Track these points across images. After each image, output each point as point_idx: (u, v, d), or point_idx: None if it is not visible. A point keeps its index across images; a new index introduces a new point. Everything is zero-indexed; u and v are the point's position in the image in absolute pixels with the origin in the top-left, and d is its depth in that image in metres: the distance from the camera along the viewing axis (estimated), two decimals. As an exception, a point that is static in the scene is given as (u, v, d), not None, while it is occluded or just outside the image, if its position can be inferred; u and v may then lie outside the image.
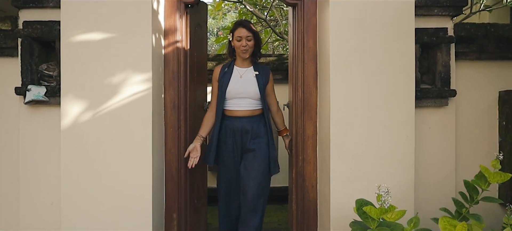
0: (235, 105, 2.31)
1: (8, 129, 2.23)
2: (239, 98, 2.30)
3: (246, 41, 2.26)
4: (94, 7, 2.01)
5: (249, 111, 2.31)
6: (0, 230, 2.23)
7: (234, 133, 2.30)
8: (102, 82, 2.01)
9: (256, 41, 2.32)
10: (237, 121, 2.30)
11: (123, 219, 2.04)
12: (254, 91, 2.30)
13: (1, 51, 2.21)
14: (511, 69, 2.39)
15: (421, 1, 2.22)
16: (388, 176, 2.05)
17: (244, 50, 2.28)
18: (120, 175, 2.04)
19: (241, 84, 2.31)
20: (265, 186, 2.32)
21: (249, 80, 2.32)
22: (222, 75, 2.34)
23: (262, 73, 2.35)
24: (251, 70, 2.35)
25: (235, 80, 2.32)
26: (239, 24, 2.32)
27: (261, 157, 2.29)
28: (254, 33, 2.31)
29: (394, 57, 2.08)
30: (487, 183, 1.66)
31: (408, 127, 2.09)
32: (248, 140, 2.29)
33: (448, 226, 1.54)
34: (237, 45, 2.30)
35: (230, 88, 2.29)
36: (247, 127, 2.28)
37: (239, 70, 2.35)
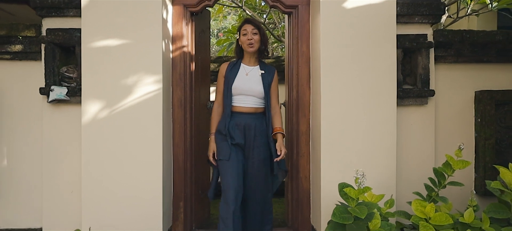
0: (240, 102, 2.35)
1: (32, 125, 2.50)
2: (244, 95, 2.34)
3: (252, 35, 2.31)
4: (111, 16, 2.28)
5: (253, 109, 2.35)
6: (25, 215, 2.50)
7: (238, 127, 2.33)
8: (118, 83, 2.29)
9: (261, 36, 2.36)
10: (241, 117, 2.33)
11: (137, 206, 2.31)
12: (259, 90, 2.34)
13: (26, 55, 2.48)
14: (485, 72, 2.66)
15: (403, 10, 2.49)
16: (373, 166, 2.32)
17: (250, 44, 2.31)
18: (134, 166, 2.31)
19: (246, 81, 2.35)
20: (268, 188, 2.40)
21: (255, 79, 2.36)
22: (229, 71, 2.38)
23: (268, 72, 2.40)
24: (257, 69, 2.40)
25: (241, 77, 2.36)
26: (245, 20, 2.40)
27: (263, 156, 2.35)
28: (259, 29, 2.36)
29: (378, 61, 2.36)
30: (452, 170, 1.94)
31: (390, 123, 2.37)
32: (251, 136, 2.32)
33: (419, 207, 1.82)
34: (243, 40, 2.34)
35: (236, 84, 2.33)
36: (250, 123, 2.32)
37: (245, 68, 2.39)
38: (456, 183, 1.98)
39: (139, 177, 2.32)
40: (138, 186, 2.31)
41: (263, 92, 2.35)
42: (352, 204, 1.72)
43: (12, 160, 2.51)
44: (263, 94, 2.35)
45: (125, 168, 2.31)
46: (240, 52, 2.44)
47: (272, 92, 2.42)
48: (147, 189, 2.33)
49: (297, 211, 2.66)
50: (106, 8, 2.28)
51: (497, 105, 2.61)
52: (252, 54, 2.39)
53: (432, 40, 2.56)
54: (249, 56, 2.41)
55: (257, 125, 2.34)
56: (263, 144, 2.35)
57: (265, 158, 2.36)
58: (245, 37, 2.33)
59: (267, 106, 2.38)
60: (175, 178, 2.59)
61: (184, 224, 2.59)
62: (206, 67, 3.09)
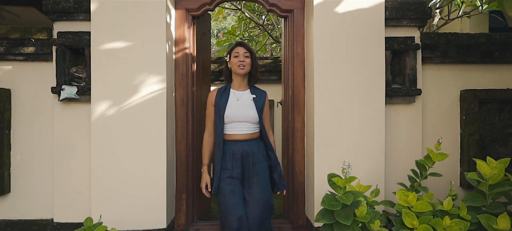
0: (234, 129, 2.25)
1: (44, 122, 2.67)
2: (237, 122, 2.24)
3: (244, 57, 2.25)
4: (118, 20, 2.46)
5: (248, 135, 2.25)
6: (37, 207, 2.67)
7: (234, 157, 2.21)
8: (125, 83, 2.47)
9: (253, 60, 2.30)
10: (237, 145, 2.23)
11: (142, 198, 2.49)
12: (252, 115, 2.24)
13: (38, 56, 2.66)
14: (470, 72, 2.84)
15: (392, 14, 2.67)
16: (363, 161, 2.50)
17: (242, 66, 2.24)
18: (140, 160, 2.49)
19: (238, 107, 2.25)
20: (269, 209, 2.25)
21: (247, 104, 2.26)
22: (218, 99, 2.27)
23: (259, 96, 2.31)
24: (248, 93, 2.30)
25: (232, 103, 2.26)
26: (237, 44, 2.34)
27: (263, 183, 2.23)
28: (251, 52, 2.31)
29: (368, 62, 2.54)
30: (432, 162, 2.11)
31: (379, 120, 2.54)
32: (250, 163, 2.21)
33: (402, 196, 2.00)
34: (234, 62, 2.26)
35: (228, 112, 2.23)
36: (248, 150, 2.22)
37: (235, 93, 2.29)
38: (435, 173, 2.16)
39: (145, 171, 2.50)
40: (144, 179, 2.49)
41: (257, 117, 2.25)
42: (340, 193, 1.90)
43: (24, 155, 2.68)
44: (257, 119, 2.26)
45: (131, 162, 2.48)
46: (229, 76, 2.36)
47: (264, 116, 2.33)
48: (152, 182, 2.51)
49: (293, 203, 2.84)
50: (113, 12, 2.46)
51: (481, 103, 2.79)
52: (242, 78, 2.29)
53: (419, 42, 2.73)
54: (239, 80, 2.30)
55: (254, 151, 2.23)
56: (263, 170, 2.25)
57: (266, 184, 2.25)
58: (237, 59, 2.25)
59: (262, 131, 2.29)
60: (178, 172, 2.77)
61: (186, 216, 2.77)
62: (207, 68, 3.27)
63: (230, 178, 2.20)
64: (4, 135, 2.63)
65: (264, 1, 2.82)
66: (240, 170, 2.22)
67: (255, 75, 2.34)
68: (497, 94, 2.79)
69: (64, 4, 2.55)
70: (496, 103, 2.82)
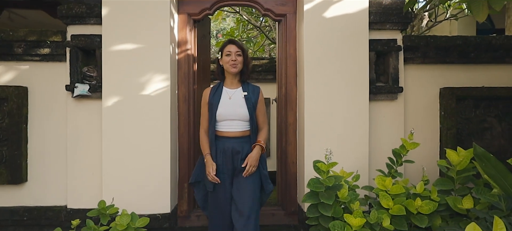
0: (225, 127, 2.31)
1: (58, 117, 2.95)
2: (229, 120, 2.30)
3: (236, 56, 2.29)
4: (127, 25, 2.75)
5: (239, 133, 2.31)
6: (52, 194, 2.95)
7: (225, 153, 2.28)
8: (133, 81, 2.75)
9: (245, 58, 2.35)
10: (228, 141, 2.29)
11: (149, 185, 2.77)
12: (243, 113, 2.29)
13: (53, 57, 2.94)
14: (448, 71, 3.12)
15: (376, 18, 2.95)
16: (348, 152, 2.78)
17: (234, 64, 2.29)
18: (146, 152, 2.77)
19: (230, 106, 2.30)
20: (257, 204, 2.30)
21: (238, 102, 2.32)
22: (212, 97, 2.34)
23: (251, 93, 2.35)
24: (239, 91, 2.35)
25: (224, 102, 2.31)
26: (229, 41, 2.37)
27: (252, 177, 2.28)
28: (243, 50, 2.35)
29: (353, 62, 2.82)
30: (406, 150, 2.39)
31: (363, 115, 2.83)
32: (238, 160, 2.27)
33: (380, 181, 2.28)
34: (226, 60, 2.31)
35: (220, 110, 2.29)
36: (237, 147, 2.27)
37: (228, 92, 2.35)
38: (409, 160, 2.45)
39: (151, 161, 2.78)
40: (150, 169, 2.77)
41: (248, 115, 2.30)
42: (324, 177, 2.18)
43: (40, 147, 2.96)
44: (248, 117, 2.31)
45: (139, 153, 2.77)
46: (222, 74, 2.41)
47: (258, 112, 2.38)
48: (157, 171, 2.79)
49: (286, 192, 3.12)
50: (123, 17, 2.75)
51: (458, 100, 3.07)
52: (234, 76, 2.35)
53: (402, 44, 3.01)
54: (231, 78, 2.36)
55: (244, 149, 2.29)
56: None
57: (254, 181, 2.30)
58: (229, 57, 2.30)
59: (252, 129, 2.33)
60: (181, 163, 3.05)
61: (188, 202, 3.05)
62: (207, 67, 3.56)
63: (221, 173, 2.27)
64: (22, 128, 2.91)
65: (259, 6, 3.10)
66: (231, 166, 2.29)
67: (247, 73, 2.38)
68: (473, 92, 3.08)
69: (77, 10, 2.84)
70: (472, 100, 3.10)
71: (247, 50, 2.43)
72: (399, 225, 2.13)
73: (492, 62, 3.12)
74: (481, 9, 2.27)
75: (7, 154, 2.90)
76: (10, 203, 2.92)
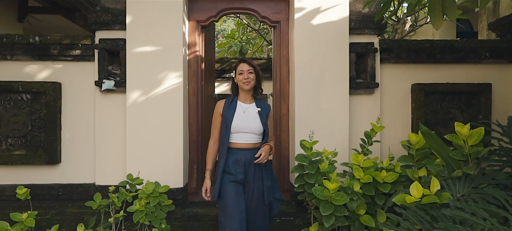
0: (239, 139, 2.50)
1: (87, 108, 3.55)
2: (243, 133, 2.49)
3: (248, 74, 2.52)
4: (147, 30, 3.36)
5: (251, 144, 2.51)
6: (82, 173, 3.55)
7: (238, 163, 2.47)
8: (152, 77, 3.36)
9: (256, 75, 2.57)
10: (240, 153, 2.48)
11: (165, 165, 3.37)
12: (257, 127, 2.51)
13: (83, 57, 3.55)
14: (418, 70, 3.73)
15: (356, 24, 3.56)
16: (332, 137, 3.39)
17: (247, 82, 2.51)
18: (163, 137, 3.38)
19: (244, 119, 2.50)
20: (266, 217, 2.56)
21: (252, 117, 2.52)
22: (226, 110, 2.53)
23: (263, 109, 2.58)
24: (253, 107, 2.57)
25: (239, 115, 2.51)
26: (241, 60, 2.60)
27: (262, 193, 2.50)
28: (254, 68, 2.56)
29: (336, 62, 3.44)
30: (374, 132, 3.00)
31: (344, 107, 3.45)
32: (252, 171, 2.47)
33: (355, 157, 2.90)
34: (239, 79, 2.54)
35: (235, 123, 2.48)
36: (250, 158, 2.45)
37: (242, 106, 2.56)
38: (377, 141, 3.07)
39: (167, 145, 3.39)
40: (166, 151, 3.39)
41: (261, 129, 2.52)
42: (308, 152, 2.80)
43: (72, 134, 3.57)
44: (261, 130, 2.52)
45: (157, 138, 3.38)
46: (236, 89, 2.64)
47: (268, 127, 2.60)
48: (172, 154, 3.40)
49: (280, 172, 3.73)
50: (143, 24, 3.36)
51: (426, 94, 3.68)
52: (248, 92, 2.58)
53: (378, 46, 3.63)
54: (245, 94, 2.59)
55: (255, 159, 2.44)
56: (262, 178, 2.53)
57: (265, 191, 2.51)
58: (241, 76, 2.52)
59: (263, 143, 2.55)
60: (190, 147, 3.67)
61: (196, 181, 3.67)
62: (212, 66, 4.18)
63: (233, 182, 2.46)
64: (57, 118, 3.52)
65: (257, 14, 3.72)
66: (243, 176, 2.47)
67: (259, 88, 2.63)
68: (439, 87, 3.69)
69: (104, 18, 3.45)
70: (439, 94, 3.72)
71: (258, 68, 2.63)
72: (367, 191, 2.74)
73: (455, 62, 3.74)
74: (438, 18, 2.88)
75: (45, 139, 3.51)
76: (47, 180, 3.53)
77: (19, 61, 3.54)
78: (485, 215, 1.84)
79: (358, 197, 2.68)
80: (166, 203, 2.96)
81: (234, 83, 2.64)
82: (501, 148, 2.43)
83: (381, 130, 3.06)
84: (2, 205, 3.46)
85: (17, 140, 3.51)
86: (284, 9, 3.70)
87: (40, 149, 3.51)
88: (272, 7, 3.70)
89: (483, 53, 3.69)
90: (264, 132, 2.54)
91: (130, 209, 2.91)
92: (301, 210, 3.33)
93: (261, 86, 2.66)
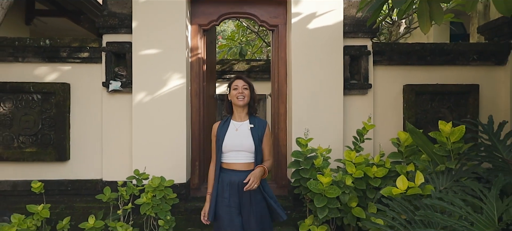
0: (231, 158, 2.42)
1: (95, 107, 3.77)
2: (235, 151, 2.41)
3: (243, 89, 2.46)
4: (152, 34, 3.57)
5: (245, 165, 2.40)
6: (90, 170, 3.77)
7: (231, 186, 2.38)
8: (157, 78, 3.58)
9: (251, 92, 2.51)
10: (234, 174, 2.39)
11: (169, 161, 3.58)
12: (249, 144, 2.40)
13: (91, 59, 3.75)
14: (409, 71, 3.94)
15: (350, 28, 3.78)
16: (327, 134, 3.60)
17: (241, 97, 2.44)
18: (168, 135, 3.59)
19: (236, 137, 2.43)
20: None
21: (244, 133, 2.44)
22: (219, 130, 2.49)
23: (257, 126, 2.47)
24: (246, 124, 2.48)
25: (231, 133, 2.45)
26: (236, 77, 2.56)
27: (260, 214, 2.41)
28: (250, 85, 2.52)
29: (330, 64, 3.65)
30: (365, 130, 3.22)
31: (339, 106, 3.66)
32: (247, 194, 2.35)
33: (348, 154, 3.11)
34: (233, 94, 2.47)
35: (226, 141, 2.42)
36: (244, 180, 2.30)
37: (235, 124, 2.49)
38: (368, 138, 3.29)
39: (170, 142, 3.60)
40: (170, 149, 3.60)
41: (253, 146, 2.40)
42: (303, 149, 3.01)
43: (80, 132, 3.78)
44: (253, 148, 2.40)
45: (161, 136, 3.59)
46: (230, 108, 2.57)
47: (265, 145, 2.49)
48: (175, 151, 3.61)
49: (278, 169, 3.95)
50: (148, 28, 3.57)
51: (417, 94, 3.89)
52: (242, 109, 2.49)
53: (371, 49, 3.84)
54: (239, 111, 2.51)
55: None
56: (259, 201, 2.41)
57: (263, 215, 2.42)
58: (236, 91, 2.46)
59: (256, 162, 2.41)
60: (193, 145, 3.88)
61: (198, 177, 3.88)
62: (213, 68, 4.39)
63: (227, 206, 2.37)
64: (66, 117, 3.73)
65: (256, 18, 3.94)
66: (237, 199, 2.38)
67: (253, 106, 2.54)
68: (429, 88, 3.90)
69: (111, 22, 3.66)
70: (429, 95, 3.93)
71: (253, 86, 2.57)
72: (359, 185, 2.95)
73: (445, 64, 3.96)
74: (425, 23, 3.09)
75: (54, 137, 3.72)
76: (57, 176, 3.74)
77: (30, 63, 3.75)
78: (462, 204, 2.06)
79: (350, 191, 2.90)
80: (171, 196, 3.17)
81: (228, 101, 2.57)
82: (481, 144, 2.64)
83: (372, 128, 3.28)
84: (14, 200, 3.68)
85: (28, 138, 3.72)
86: (282, 13, 3.92)
87: (50, 146, 3.72)
88: (271, 11, 3.91)
89: (471, 56, 3.91)
90: (257, 149, 2.41)
91: (137, 202, 3.11)
92: (298, 203, 3.55)
93: (256, 105, 2.57)
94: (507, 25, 3.87)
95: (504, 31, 3.92)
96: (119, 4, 3.68)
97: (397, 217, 2.33)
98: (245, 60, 5.94)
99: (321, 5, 3.66)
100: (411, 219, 2.26)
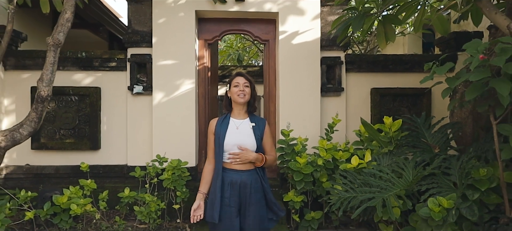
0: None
1: (121, 107, 4.83)
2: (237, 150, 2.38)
3: (243, 86, 2.43)
4: (168, 47, 4.64)
5: (247, 165, 2.37)
6: (117, 157, 4.82)
7: (232, 186, 2.36)
8: (172, 83, 4.64)
9: (252, 90, 2.48)
10: (236, 174, 2.36)
11: (182, 149, 4.64)
12: (251, 143, 2.38)
13: (118, 68, 4.81)
14: (375, 77, 5.02)
15: (327, 43, 4.85)
16: (307, 128, 4.67)
17: (242, 95, 2.41)
18: (181, 129, 4.66)
19: (238, 135, 2.39)
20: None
21: (246, 132, 2.41)
22: (218, 127, 2.43)
23: (258, 124, 2.46)
24: (247, 122, 2.46)
25: (231, 132, 2.40)
26: (237, 74, 2.52)
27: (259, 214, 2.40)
28: (251, 82, 2.48)
29: (310, 72, 4.73)
30: (334, 123, 4.28)
31: (317, 106, 4.74)
32: (247, 194, 2.36)
33: (321, 142, 4.18)
34: (234, 91, 2.44)
35: (227, 140, 2.37)
36: (246, 180, 2.34)
37: (235, 122, 2.45)
38: (336, 130, 4.36)
39: (183, 134, 4.66)
40: (182, 139, 4.66)
41: (255, 145, 2.40)
42: (286, 138, 4.08)
43: (109, 127, 4.84)
44: (255, 147, 2.40)
45: (176, 129, 4.65)
46: (229, 105, 2.54)
47: (265, 143, 2.50)
48: (187, 141, 4.67)
49: (269, 157, 5.01)
50: (165, 43, 4.64)
51: (381, 96, 4.97)
52: (242, 106, 2.48)
53: (344, 60, 4.92)
54: (238, 109, 2.49)
55: (252, 181, 2.37)
56: (259, 200, 2.41)
57: (262, 215, 2.42)
58: (237, 88, 2.44)
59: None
60: (200, 136, 4.95)
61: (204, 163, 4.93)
62: (215, 73, 5.47)
63: (227, 206, 2.35)
64: (98, 114, 4.79)
65: (251, 34, 5.01)
66: (237, 199, 2.37)
67: (253, 104, 2.52)
68: (391, 91, 4.98)
69: (135, 38, 4.73)
70: (391, 96, 5.01)
71: (254, 83, 2.55)
72: (329, 165, 4.01)
73: (404, 71, 5.04)
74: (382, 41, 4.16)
75: (89, 131, 4.78)
76: (91, 162, 4.80)
77: (69, 71, 4.81)
78: (389, 172, 3.13)
79: (321, 169, 3.96)
80: (185, 174, 4.22)
81: (227, 98, 2.57)
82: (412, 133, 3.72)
83: (345, 123, 4.35)
84: (57, 181, 4.74)
85: (67, 131, 4.78)
86: (272, 30, 4.99)
87: (85, 138, 4.78)
88: (263, 29, 4.99)
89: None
90: (259, 147, 2.44)
91: (161, 177, 4.17)
92: (283, 182, 4.62)
93: (255, 103, 2.57)
94: (454, 40, 4.95)
95: (452, 44, 5.00)
96: (141, 23, 4.74)
97: (350, 185, 3.39)
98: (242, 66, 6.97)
99: (302, 24, 4.73)
100: (358, 184, 3.33)
